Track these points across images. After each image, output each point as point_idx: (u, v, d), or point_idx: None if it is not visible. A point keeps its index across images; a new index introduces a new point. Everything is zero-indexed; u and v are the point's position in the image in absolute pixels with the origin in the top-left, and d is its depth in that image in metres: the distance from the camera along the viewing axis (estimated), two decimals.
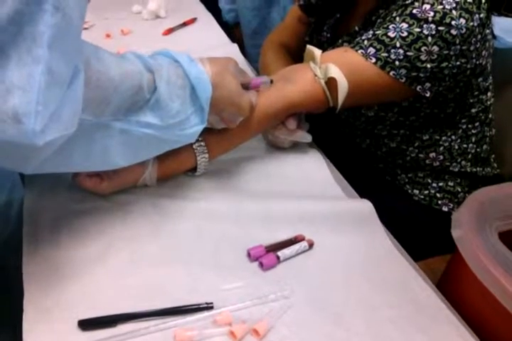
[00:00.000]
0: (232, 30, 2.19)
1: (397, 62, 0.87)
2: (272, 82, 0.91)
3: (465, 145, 1.07)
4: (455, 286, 0.79)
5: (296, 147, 1.02)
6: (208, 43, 1.52)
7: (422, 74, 0.88)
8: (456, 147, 1.07)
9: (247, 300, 0.69)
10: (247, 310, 0.68)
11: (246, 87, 0.86)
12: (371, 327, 0.68)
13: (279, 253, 0.76)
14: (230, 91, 0.80)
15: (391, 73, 0.88)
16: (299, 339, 0.65)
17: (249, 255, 0.76)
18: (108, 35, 1.54)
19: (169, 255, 0.76)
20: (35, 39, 0.49)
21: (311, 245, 0.79)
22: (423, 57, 0.86)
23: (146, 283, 0.71)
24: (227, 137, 0.89)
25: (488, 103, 1.06)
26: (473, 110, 1.04)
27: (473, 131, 1.07)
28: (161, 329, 0.65)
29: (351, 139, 1.15)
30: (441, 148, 1.07)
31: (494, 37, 0.99)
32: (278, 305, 0.69)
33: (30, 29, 0.48)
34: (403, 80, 0.88)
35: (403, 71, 0.87)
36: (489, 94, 1.05)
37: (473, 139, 1.07)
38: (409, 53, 0.86)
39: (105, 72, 0.63)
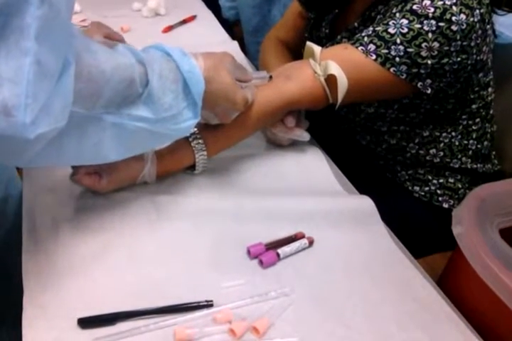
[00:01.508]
0: (232, 27, 2.18)
1: (397, 59, 0.86)
2: (270, 77, 0.91)
3: (465, 142, 1.07)
4: (456, 283, 0.79)
5: (295, 144, 1.02)
6: (208, 41, 1.52)
7: (422, 71, 0.87)
8: (457, 143, 1.06)
9: (247, 297, 0.69)
10: (247, 307, 0.68)
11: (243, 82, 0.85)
12: (372, 324, 0.68)
13: (279, 250, 0.76)
14: (224, 86, 0.79)
15: (391, 70, 0.87)
16: (299, 336, 0.65)
17: (249, 252, 0.76)
18: None
19: (169, 252, 0.76)
20: (23, 31, 0.48)
21: (311, 242, 0.78)
22: (424, 54, 0.86)
23: (146, 281, 0.71)
24: (225, 134, 0.89)
25: (489, 99, 1.05)
26: (474, 106, 1.04)
27: (473, 127, 1.06)
28: (161, 327, 0.65)
29: (351, 136, 1.15)
30: (442, 145, 1.06)
31: (495, 33, 0.98)
32: (278, 302, 0.69)
33: (17, 21, 0.48)
34: (404, 77, 0.88)
35: (404, 67, 0.87)
36: (490, 89, 1.05)
37: (474, 135, 1.07)
38: (409, 49, 0.86)
39: (97, 64, 0.62)
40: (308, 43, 0.93)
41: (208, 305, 0.67)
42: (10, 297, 0.79)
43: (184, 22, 1.66)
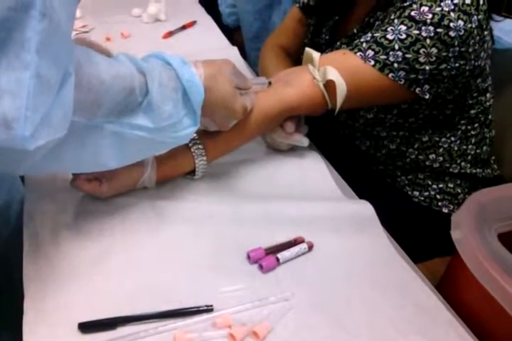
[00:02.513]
0: (232, 33, 2.19)
1: (395, 65, 0.87)
2: (269, 83, 0.91)
3: (464, 147, 1.07)
4: (455, 288, 0.79)
5: (295, 149, 1.02)
6: (208, 46, 1.52)
7: (420, 76, 0.88)
8: (456, 148, 1.07)
9: (247, 302, 0.69)
10: (246, 312, 0.68)
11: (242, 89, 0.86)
12: (371, 329, 0.68)
13: (279, 255, 0.76)
14: (223, 95, 0.79)
15: (390, 75, 0.88)
16: None
17: (248, 257, 0.76)
18: (108, 39, 1.54)
19: (169, 257, 0.76)
20: (23, 45, 0.49)
21: (310, 247, 0.79)
22: (422, 59, 0.86)
23: (146, 286, 0.71)
24: (225, 139, 0.89)
25: (488, 104, 1.06)
26: (473, 111, 1.04)
27: (472, 133, 1.07)
28: (161, 332, 0.65)
29: (350, 141, 1.15)
30: (441, 150, 1.07)
31: (493, 38, 0.99)
32: (278, 307, 0.69)
33: (18, 35, 0.48)
34: (402, 82, 0.88)
35: (402, 73, 0.87)
36: (488, 95, 1.05)
37: (473, 140, 1.07)
38: (407, 55, 0.86)
39: (97, 74, 0.63)
40: (307, 49, 0.94)
41: (208, 309, 0.68)
42: (12, 301, 0.80)
43: (184, 28, 1.67)
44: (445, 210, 1.10)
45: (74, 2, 0.57)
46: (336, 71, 0.88)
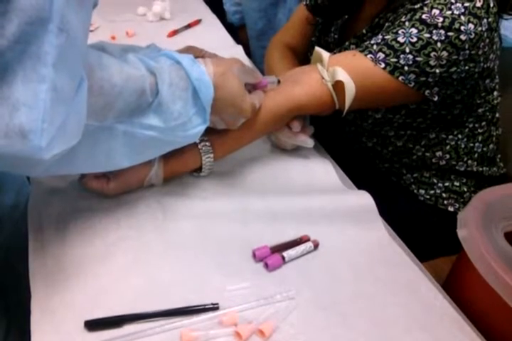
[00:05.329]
0: (237, 31, 2.18)
1: (406, 68, 0.87)
2: (279, 82, 0.91)
3: (471, 145, 1.07)
4: (461, 286, 0.79)
5: (301, 148, 1.02)
6: (213, 45, 1.50)
7: (430, 79, 0.88)
8: (463, 146, 1.06)
9: (253, 300, 0.69)
10: (252, 310, 0.68)
11: (250, 87, 0.86)
12: (376, 327, 0.68)
13: (285, 253, 0.76)
14: (232, 93, 0.79)
15: (400, 78, 0.88)
16: (304, 339, 0.65)
17: (254, 255, 0.76)
18: (113, 37, 1.54)
19: (175, 255, 0.76)
20: (40, 58, 0.49)
21: (316, 246, 0.79)
22: (432, 63, 0.86)
23: (152, 284, 0.71)
24: (232, 137, 0.89)
25: (495, 102, 1.05)
26: (480, 110, 1.04)
27: (479, 131, 1.06)
28: (167, 330, 0.65)
29: (357, 138, 1.15)
30: (448, 147, 1.06)
31: (501, 38, 0.98)
32: (283, 305, 0.69)
33: (35, 49, 0.49)
34: (412, 85, 0.88)
35: (412, 76, 0.87)
36: (495, 93, 1.05)
37: (480, 138, 1.07)
38: (418, 59, 0.86)
39: (108, 78, 0.63)
40: (317, 49, 0.94)
41: (214, 307, 0.68)
42: (19, 300, 0.80)
43: (189, 26, 1.66)
44: (451, 209, 1.10)
45: (90, 16, 0.58)
46: (344, 72, 0.87)
